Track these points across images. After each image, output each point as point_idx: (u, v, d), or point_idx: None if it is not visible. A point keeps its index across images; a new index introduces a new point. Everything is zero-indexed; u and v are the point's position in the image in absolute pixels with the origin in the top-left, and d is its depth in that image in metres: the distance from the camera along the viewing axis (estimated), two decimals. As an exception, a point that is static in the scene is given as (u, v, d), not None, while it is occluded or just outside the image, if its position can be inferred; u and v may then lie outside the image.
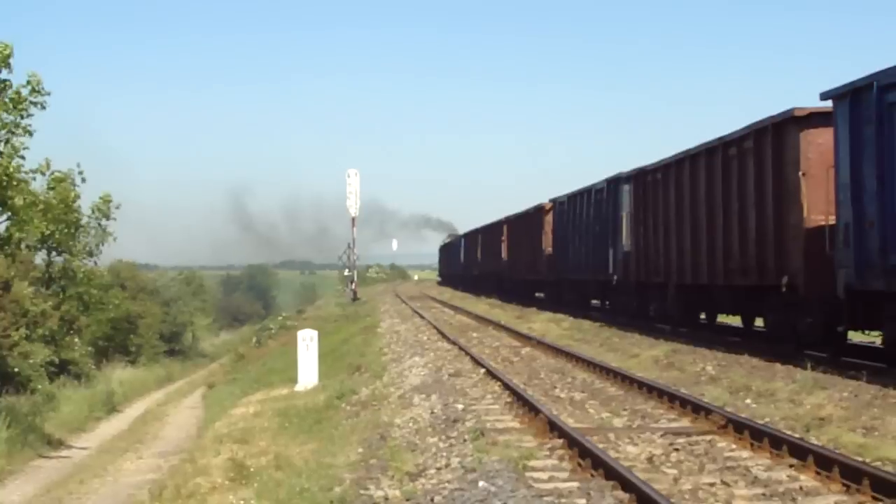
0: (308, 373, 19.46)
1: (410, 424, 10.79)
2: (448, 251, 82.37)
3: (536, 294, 37.71)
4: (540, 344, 19.55)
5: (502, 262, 46.25)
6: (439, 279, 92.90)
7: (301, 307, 76.85)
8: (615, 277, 25.48)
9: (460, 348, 19.35)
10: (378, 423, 11.28)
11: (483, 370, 15.26)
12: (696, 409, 10.37)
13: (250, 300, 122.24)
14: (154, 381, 45.21)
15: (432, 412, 11.32)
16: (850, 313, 12.95)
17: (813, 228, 14.24)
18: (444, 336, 22.96)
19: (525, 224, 39.98)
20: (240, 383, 29.56)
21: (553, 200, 34.68)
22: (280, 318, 53.22)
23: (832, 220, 13.36)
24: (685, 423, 10.10)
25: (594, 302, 29.87)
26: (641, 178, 23.31)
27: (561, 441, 8.93)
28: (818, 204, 14.23)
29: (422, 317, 31.61)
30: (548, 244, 34.99)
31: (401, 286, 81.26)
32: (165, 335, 63.57)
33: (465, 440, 9.39)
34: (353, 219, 54.60)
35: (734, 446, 8.77)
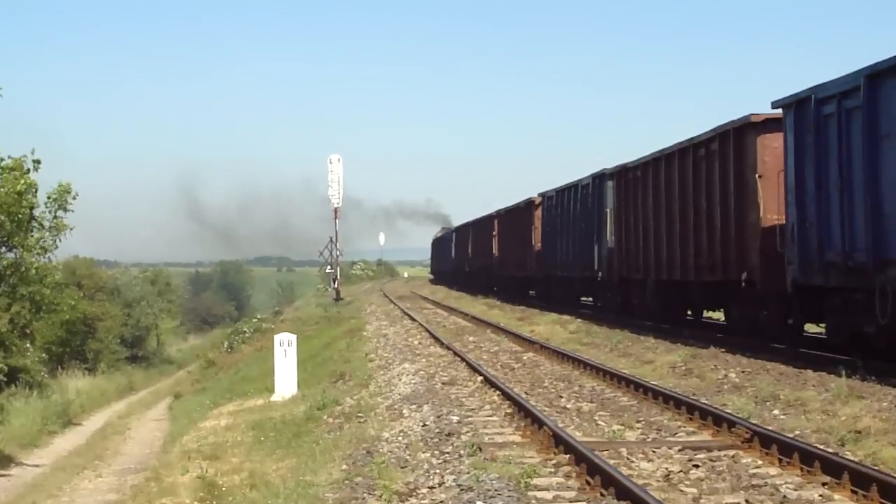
0: (286, 381, 19.47)
1: (400, 438, 10.78)
2: (440, 246, 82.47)
3: (531, 292, 39.54)
4: (544, 349, 19.63)
5: (493, 259, 48.27)
6: (431, 277, 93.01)
7: (278, 308, 77.02)
8: (600, 274, 27.96)
9: (455, 354, 19.43)
10: (364, 437, 11.27)
11: (480, 378, 15.28)
12: (718, 420, 10.38)
13: (221, 300, 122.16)
14: (115, 391, 45.16)
15: (424, 425, 11.33)
16: (799, 307, 15.86)
17: (768, 227, 16.96)
18: (437, 340, 23.04)
19: (515, 219, 42.02)
20: (210, 393, 29.58)
21: (542, 195, 36.54)
22: (255, 320, 53.23)
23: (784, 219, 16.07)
24: (706, 436, 10.13)
25: (584, 299, 32.85)
26: (623, 175, 25.83)
27: (567, 456, 8.93)
28: (773, 204, 16.88)
29: (412, 319, 31.66)
30: (537, 240, 37.02)
31: (389, 285, 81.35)
32: (127, 340, 63.49)
33: (460, 456, 9.38)
34: (336, 210, 54.59)
35: (760, 462, 8.78)
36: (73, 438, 29.80)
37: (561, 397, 13.32)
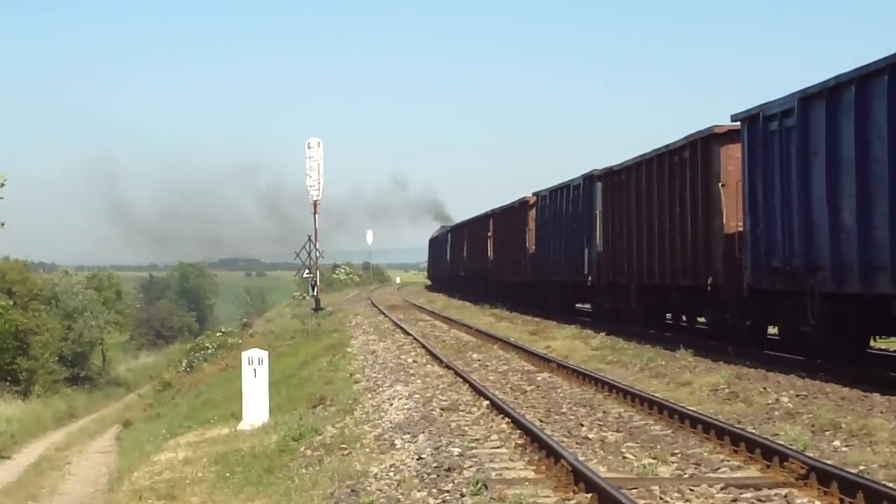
0: (256, 406, 19.48)
1: (391, 474, 10.78)
2: (436, 247, 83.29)
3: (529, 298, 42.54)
4: (562, 368, 19.74)
5: (489, 262, 51.69)
6: (429, 283, 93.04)
7: (246, 319, 77.01)
8: (590, 278, 31.91)
9: (457, 373, 19.49)
10: (348, 473, 11.27)
11: (486, 402, 15.33)
12: (768, 453, 10.39)
13: (180, 310, 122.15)
14: (52, 418, 45.19)
15: (420, 458, 11.33)
16: (755, 310, 20.37)
17: (730, 234, 21.26)
18: (435, 357, 23.11)
19: (510, 219, 45.96)
20: (166, 420, 29.56)
21: (536, 194, 40.25)
22: (219, 333, 53.32)
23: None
24: (753, 472, 10.15)
25: (581, 306, 36.38)
26: (609, 178, 30.08)
27: (589, 496, 8.96)
28: (734, 212, 21.01)
29: (406, 332, 31.78)
30: (531, 242, 40.80)
31: (378, 292, 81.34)
32: (67, 357, 63.50)
33: (462, 495, 9.39)
34: (315, 203, 54.53)
35: (818, 503, 8.78)
36: (1, 474, 29.78)
37: (582, 425, 13.35)
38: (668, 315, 27.69)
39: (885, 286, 15.38)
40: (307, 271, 47.46)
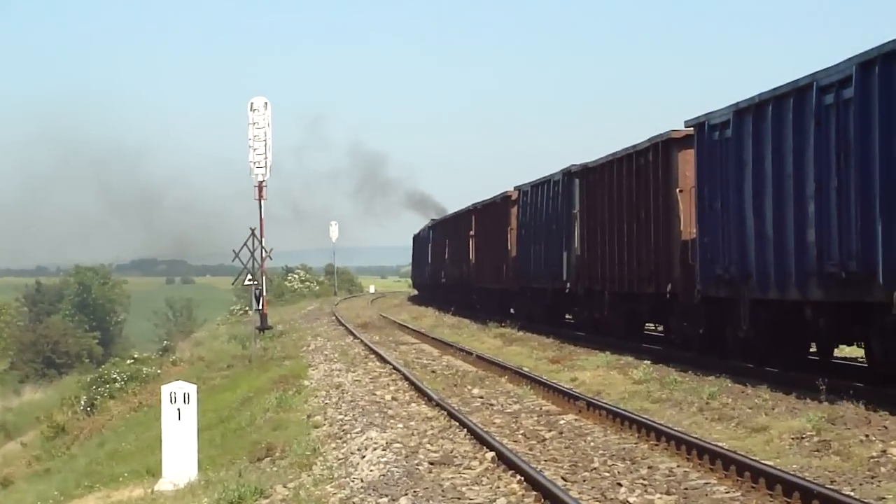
0: (180, 459, 19.43)
1: (362, 553, 10.78)
2: (419, 247, 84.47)
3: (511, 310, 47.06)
4: (592, 407, 19.84)
5: (470, 266, 56.12)
6: (414, 292, 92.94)
7: (168, 341, 76.81)
8: (568, 285, 36.92)
9: (451, 415, 19.56)
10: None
11: (491, 454, 15.33)
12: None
13: (77, 329, 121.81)
14: None
15: (401, 530, 11.37)
16: (707, 317, 26.09)
17: (686, 241, 26.88)
18: (421, 393, 23.22)
19: (492, 216, 50.96)
20: (59, 478, 29.51)
21: (518, 188, 45.02)
22: (130, 361, 53.14)
23: None
24: (852, 549, 10.16)
25: (568, 316, 40.69)
26: (586, 175, 35.17)
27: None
28: (690, 219, 26.72)
29: (382, 359, 31.87)
30: (513, 244, 45.69)
31: (345, 304, 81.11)
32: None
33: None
34: (261, 186, 54.31)
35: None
36: None
37: (620, 485, 13.37)
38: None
39: (794, 293, 21.48)
40: (249, 277, 47.18)
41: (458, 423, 18.64)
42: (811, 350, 24.02)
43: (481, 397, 22.80)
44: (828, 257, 20.33)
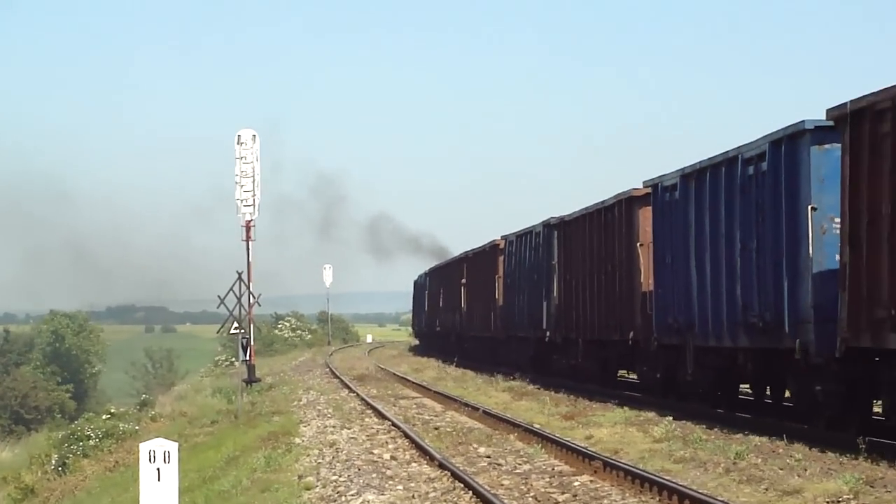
0: (159, 526, 18.89)
1: None
2: (418, 294, 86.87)
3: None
4: (610, 468, 19.91)
5: (462, 315, 60.11)
6: (415, 342, 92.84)
7: (147, 395, 76.46)
8: (548, 334, 41.62)
9: (454, 476, 19.70)
10: None
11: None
12: None
13: (49, 382, 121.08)
14: None
15: None
16: (663, 362, 30.66)
17: (646, 292, 31.79)
18: (423, 452, 23.40)
19: (481, 264, 55.63)
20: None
21: (505, 238, 49.52)
22: (106, 416, 52.68)
23: None
24: None
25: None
26: (563, 228, 40.66)
27: None
28: (649, 271, 31.43)
29: (380, 415, 32.18)
30: (500, 293, 49.98)
31: (340, 355, 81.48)
32: None
33: None
34: (249, 225, 53.61)
35: None
36: None
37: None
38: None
39: (727, 340, 26.61)
40: (236, 325, 46.49)
41: (462, 485, 18.71)
42: (745, 391, 29.22)
43: (488, 456, 22.89)
44: (751, 309, 25.00)
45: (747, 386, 28.82)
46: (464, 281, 59.52)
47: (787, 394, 26.30)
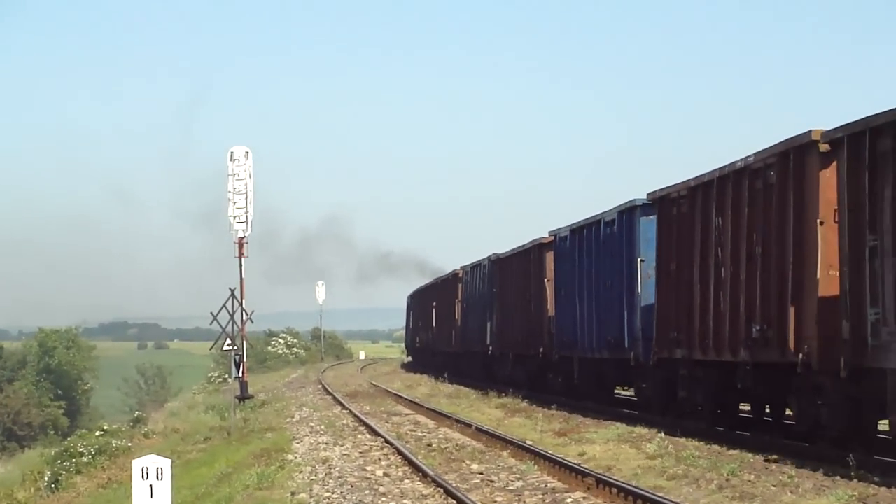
0: (151, 541, 19.08)
1: None
2: (407, 311, 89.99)
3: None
4: (603, 484, 19.85)
5: (433, 332, 71.09)
6: (408, 359, 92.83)
7: (140, 412, 76.56)
8: (490, 349, 52.74)
9: (447, 492, 19.64)
10: None
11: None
12: None
13: (42, 398, 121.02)
14: None
15: None
16: (561, 370, 42.13)
17: (551, 317, 42.83)
18: (416, 469, 23.33)
19: (445, 290, 67.21)
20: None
21: (463, 268, 61.81)
22: (99, 433, 52.72)
23: None
24: None
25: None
26: (500, 263, 51.68)
27: None
28: (553, 301, 42.58)
29: (373, 431, 32.14)
30: (459, 314, 61.91)
31: (332, 372, 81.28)
32: None
33: None
34: (242, 242, 53.99)
35: None
36: None
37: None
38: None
39: (597, 353, 36.26)
40: (228, 342, 46.67)
41: (455, 502, 18.74)
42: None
43: (481, 473, 22.85)
44: (608, 331, 35.54)
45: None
46: (434, 304, 71.06)
47: (632, 391, 36.93)
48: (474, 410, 38.97)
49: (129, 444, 45.92)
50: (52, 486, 44.92)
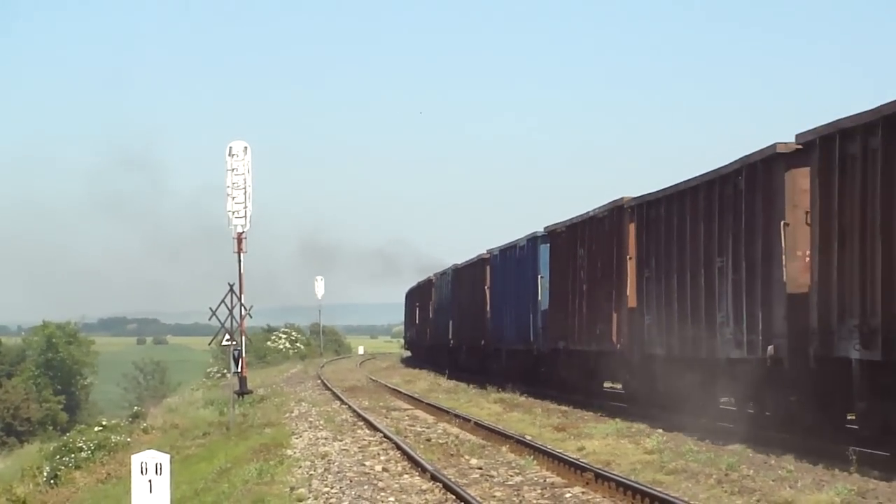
0: (150, 537, 19.27)
1: None
2: (405, 307, 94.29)
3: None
4: (602, 479, 19.92)
5: (416, 327, 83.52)
6: (408, 352, 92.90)
7: (139, 407, 76.53)
8: (451, 342, 66.12)
9: (446, 487, 19.68)
10: None
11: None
12: None
13: (41, 393, 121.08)
14: None
15: None
16: (500, 360, 55.91)
17: (488, 317, 57.83)
18: (415, 464, 23.38)
19: (424, 292, 79.75)
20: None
21: (435, 274, 74.69)
22: (98, 428, 52.80)
23: None
24: None
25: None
26: (456, 273, 66.90)
27: None
28: (490, 305, 57.88)
29: (372, 426, 32.17)
30: (432, 311, 74.26)
31: (331, 367, 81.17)
32: None
33: None
34: (241, 238, 54.10)
35: None
36: None
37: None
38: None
39: (518, 345, 48.73)
40: (227, 337, 46.83)
41: (454, 497, 18.80)
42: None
43: (480, 468, 22.94)
44: (521, 330, 47.48)
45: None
46: (417, 304, 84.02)
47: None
48: (473, 405, 39.00)
49: (129, 440, 45.96)
50: (51, 481, 44.93)
